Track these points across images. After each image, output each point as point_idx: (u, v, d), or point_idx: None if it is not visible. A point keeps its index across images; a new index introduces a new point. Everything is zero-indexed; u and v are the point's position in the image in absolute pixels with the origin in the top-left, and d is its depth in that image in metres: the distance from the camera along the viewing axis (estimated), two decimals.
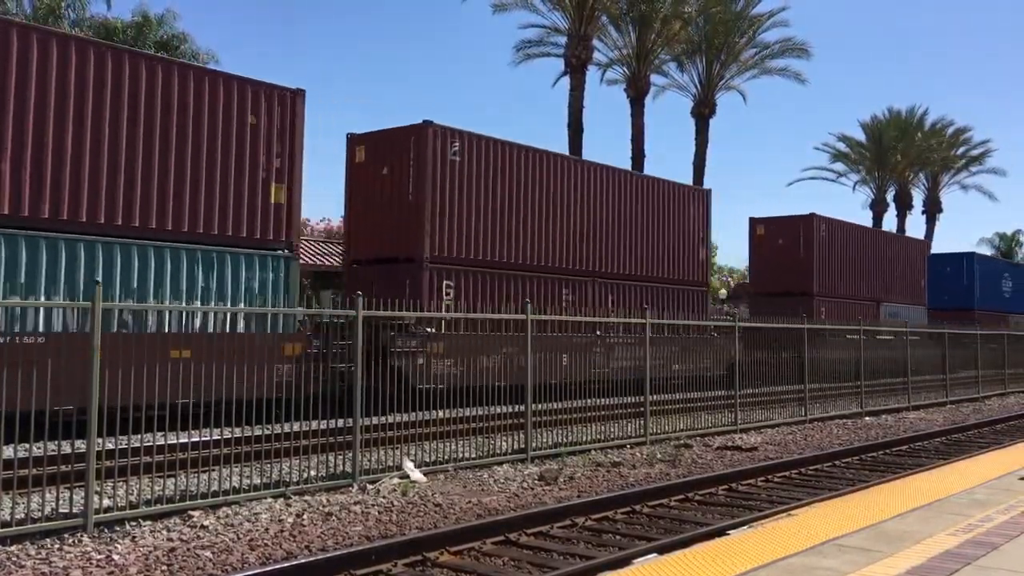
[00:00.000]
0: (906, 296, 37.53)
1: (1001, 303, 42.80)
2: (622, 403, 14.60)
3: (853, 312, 29.85)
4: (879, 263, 35.71)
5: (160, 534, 7.78)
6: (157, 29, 40.42)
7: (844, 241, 33.34)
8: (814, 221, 31.21)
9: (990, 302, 41.26)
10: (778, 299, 29.43)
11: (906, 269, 38.20)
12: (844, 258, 33.07)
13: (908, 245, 40.66)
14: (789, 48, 41.52)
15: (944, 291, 39.76)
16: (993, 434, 17.40)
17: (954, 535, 5.74)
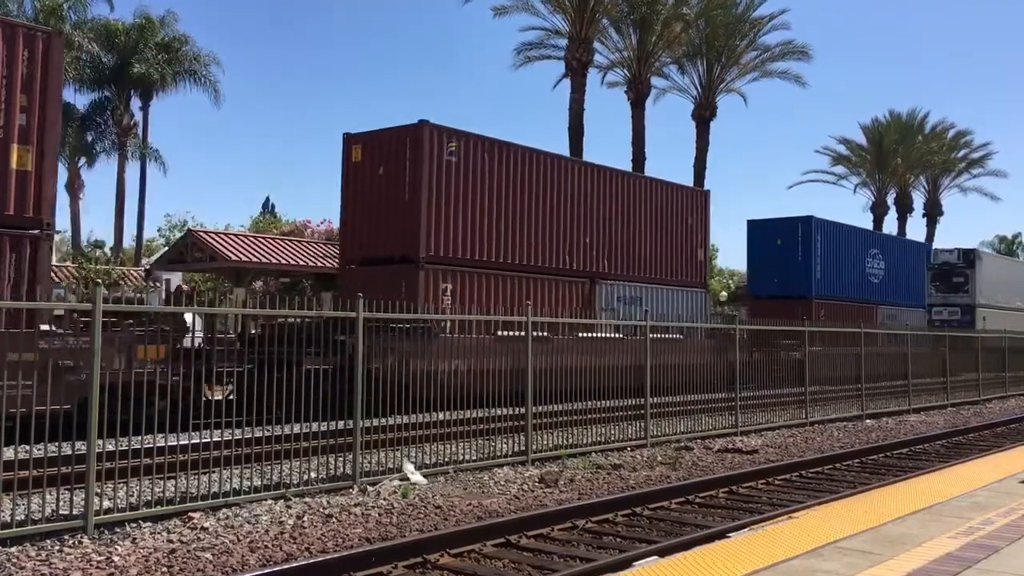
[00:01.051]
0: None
1: (864, 290, 33.96)
2: (622, 405, 14.59)
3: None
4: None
5: (160, 536, 7.78)
6: (159, 31, 40.48)
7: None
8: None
9: (845, 288, 32.61)
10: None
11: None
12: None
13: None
14: (790, 51, 41.64)
15: (773, 271, 31.37)
16: (994, 437, 17.39)
17: (955, 538, 5.73)
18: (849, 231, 34.22)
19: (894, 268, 36.32)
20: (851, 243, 33.84)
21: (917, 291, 38.52)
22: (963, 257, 42.15)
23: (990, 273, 42.51)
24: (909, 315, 35.61)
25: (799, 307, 27.59)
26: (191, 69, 41.71)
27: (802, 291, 30.61)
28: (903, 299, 36.72)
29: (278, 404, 9.74)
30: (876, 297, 34.60)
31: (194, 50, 41.85)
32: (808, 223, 31.23)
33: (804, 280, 30.92)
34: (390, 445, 11.25)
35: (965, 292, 41.12)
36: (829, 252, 32.00)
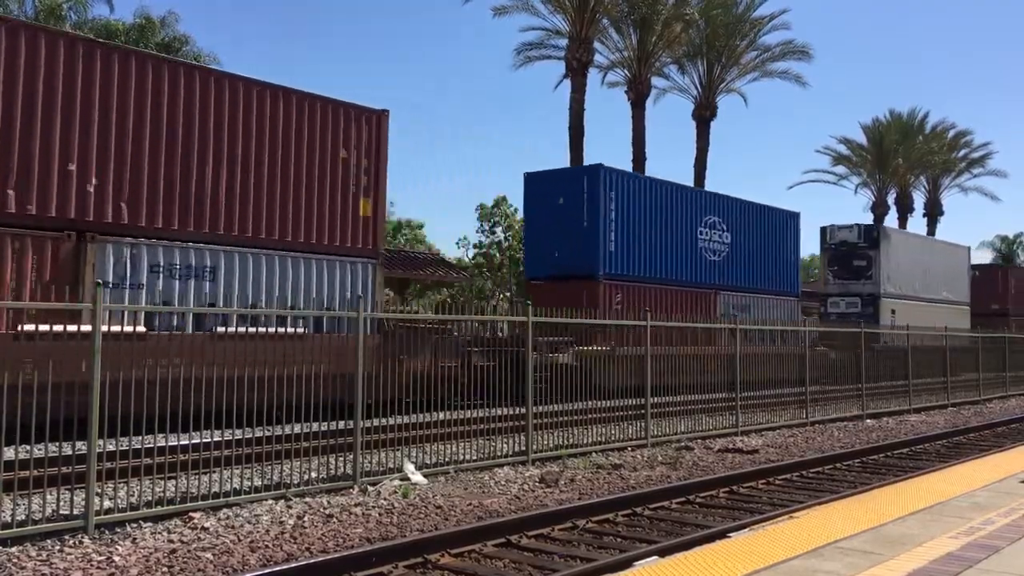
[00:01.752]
0: None
1: (695, 270, 26.36)
2: (623, 405, 14.60)
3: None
4: None
5: (161, 536, 7.78)
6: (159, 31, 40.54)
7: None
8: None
9: (660, 266, 24.98)
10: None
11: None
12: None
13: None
14: (790, 51, 41.62)
15: (553, 242, 23.83)
16: (994, 437, 17.39)
17: (955, 538, 5.73)
18: (665, 188, 25.81)
19: (748, 243, 28.55)
20: (669, 205, 25.77)
21: (787, 274, 30.50)
22: (864, 235, 35.15)
23: (901, 255, 35.64)
24: (772, 306, 29.02)
25: (584, 291, 21.77)
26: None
27: (587, 269, 22.99)
28: (763, 284, 29.10)
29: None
30: (715, 280, 26.91)
31: (194, 50, 41.90)
32: (596, 174, 23.45)
33: (590, 254, 23.11)
34: (390, 445, 11.25)
35: (868, 279, 34.37)
36: (631, 215, 24.15)
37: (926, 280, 37.38)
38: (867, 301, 34.03)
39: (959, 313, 39.31)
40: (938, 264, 38.67)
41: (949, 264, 40.15)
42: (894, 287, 35.06)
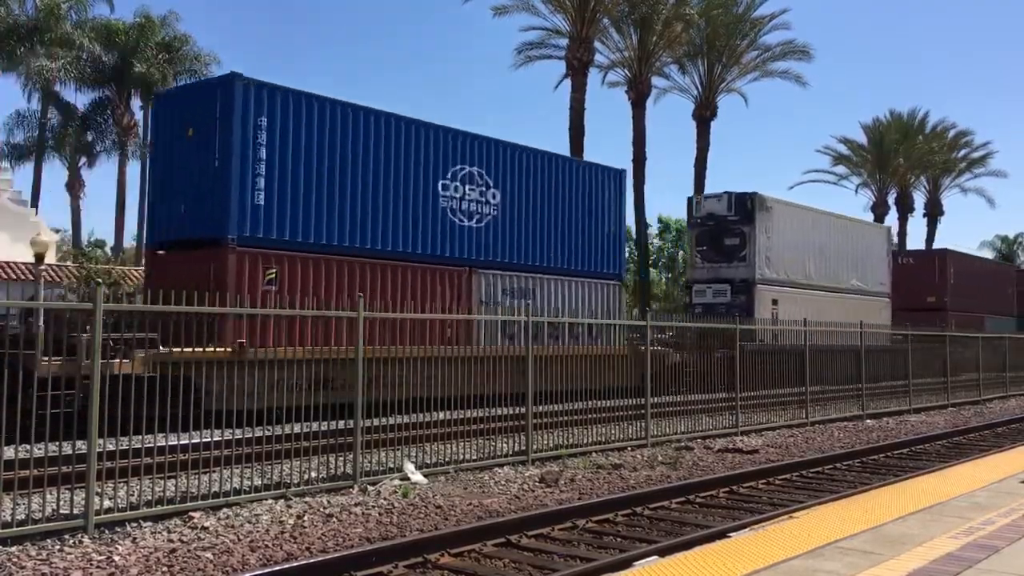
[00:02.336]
0: None
1: (441, 240, 18.94)
2: (623, 405, 14.60)
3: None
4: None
5: (161, 535, 7.78)
6: (159, 31, 40.54)
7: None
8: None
9: (367, 233, 17.52)
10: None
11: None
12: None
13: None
14: (790, 51, 41.64)
15: (180, 192, 16.64)
16: (994, 437, 17.39)
17: (955, 538, 5.73)
18: (372, 119, 17.73)
19: (535, 206, 21.03)
20: (381, 145, 17.78)
21: (604, 250, 22.96)
22: (736, 206, 27.83)
23: (787, 233, 28.85)
24: (577, 291, 21.79)
25: (212, 263, 15.22)
26: (191, 69, 41.70)
27: (215, 230, 15.54)
28: (561, 262, 21.59)
29: None
30: (472, 254, 19.51)
31: (195, 49, 41.90)
32: (231, 87, 15.65)
33: (219, 207, 15.58)
34: (390, 445, 11.25)
35: (742, 261, 27.61)
36: (302, 154, 16.45)
37: (826, 265, 30.76)
38: (739, 288, 27.41)
39: (874, 306, 32.25)
40: (844, 246, 31.97)
41: (861, 246, 33.08)
42: (776, 271, 28.28)
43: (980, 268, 45.73)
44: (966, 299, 40.05)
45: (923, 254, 43.69)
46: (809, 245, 30.10)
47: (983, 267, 47.09)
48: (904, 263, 39.78)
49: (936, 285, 39.63)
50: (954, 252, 42.73)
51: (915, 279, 38.65)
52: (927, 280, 39.40)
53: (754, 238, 27.60)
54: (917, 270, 39.65)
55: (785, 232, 28.81)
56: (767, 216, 28.14)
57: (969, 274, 41.97)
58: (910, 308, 34.92)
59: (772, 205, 28.58)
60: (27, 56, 37.83)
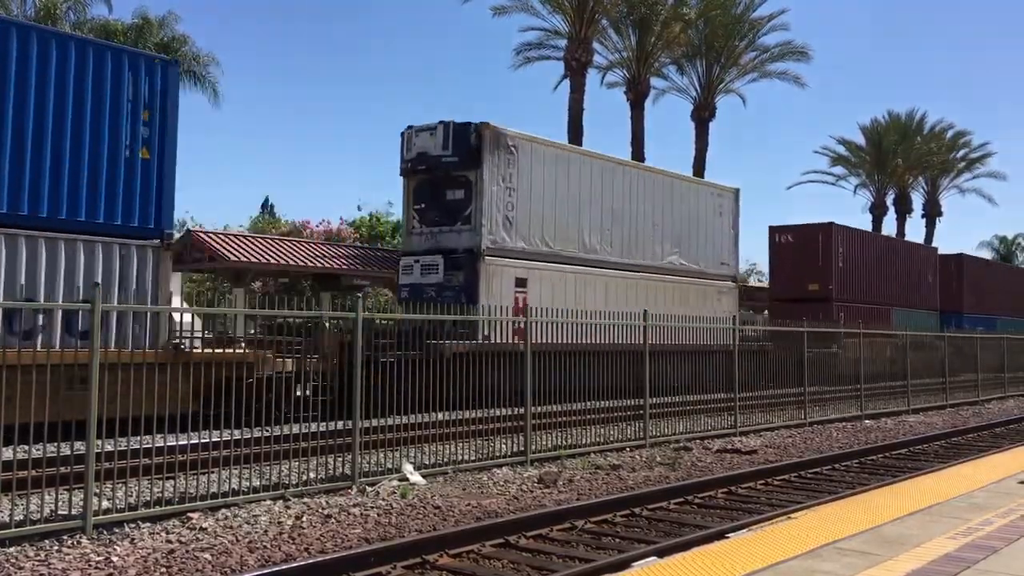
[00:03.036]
0: None
1: None
2: (621, 406, 14.60)
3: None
4: None
5: (159, 536, 7.78)
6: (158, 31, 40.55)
7: None
8: None
9: None
10: None
11: None
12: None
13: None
14: (789, 51, 41.67)
15: None
16: (992, 437, 17.40)
17: (953, 539, 5.74)
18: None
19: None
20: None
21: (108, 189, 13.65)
22: (456, 143, 19.59)
23: (543, 186, 20.77)
24: None
25: None
26: (190, 69, 41.67)
27: None
28: None
29: None
30: None
31: (193, 50, 41.90)
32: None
33: None
34: (389, 445, 11.24)
35: (468, 223, 19.57)
36: None
37: (623, 234, 22.94)
38: (455, 262, 19.36)
39: (707, 293, 25.41)
40: (658, 210, 24.11)
41: (687, 212, 25.07)
42: (523, 239, 19.99)
43: (884, 248, 36.35)
44: (862, 287, 33.09)
45: (806, 230, 32.61)
46: (589, 205, 21.79)
47: (888, 247, 37.29)
48: (782, 241, 32.75)
49: (820, 269, 31.65)
50: (844, 228, 33.31)
51: (796, 262, 31.78)
52: (809, 263, 31.62)
53: (482, 189, 19.20)
54: (798, 251, 32.08)
55: (544, 184, 20.57)
56: (506, 159, 19.61)
57: (867, 256, 34.04)
58: (789, 298, 30.35)
59: (517, 143, 19.90)
60: None
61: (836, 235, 32.30)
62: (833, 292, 31.39)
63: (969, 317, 40.05)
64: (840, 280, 31.96)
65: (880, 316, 31.86)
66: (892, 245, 38.69)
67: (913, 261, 38.20)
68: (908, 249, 39.71)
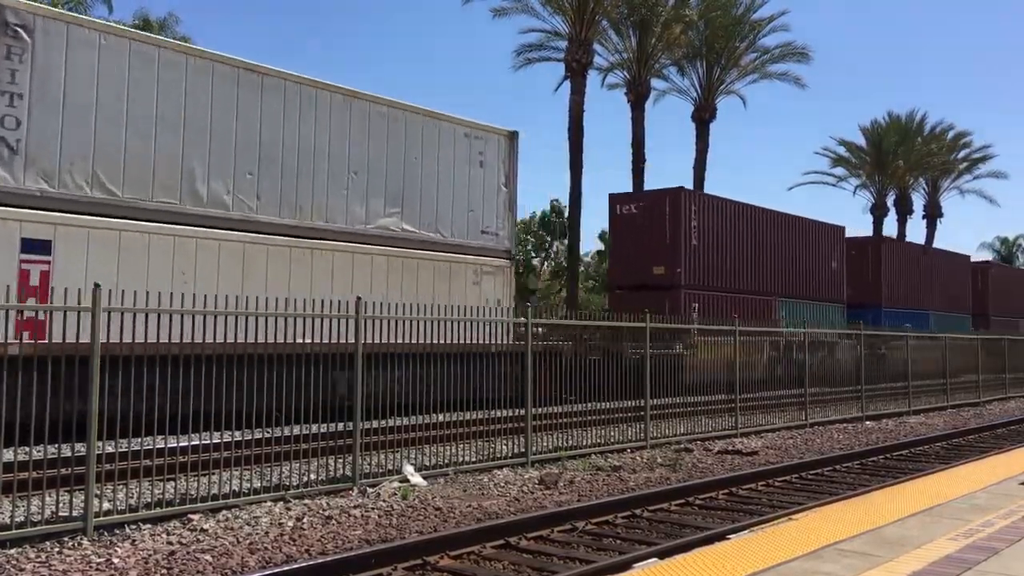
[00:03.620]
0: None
1: None
2: (622, 407, 14.60)
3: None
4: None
5: (160, 537, 7.78)
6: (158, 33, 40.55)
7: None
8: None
9: None
10: None
11: None
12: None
13: None
14: (789, 53, 41.63)
15: None
16: (994, 439, 17.39)
17: (954, 540, 5.73)
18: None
19: None
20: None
21: None
22: None
23: (82, 86, 13.33)
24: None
25: None
26: None
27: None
28: None
29: None
30: None
31: None
32: None
33: None
34: (390, 447, 11.25)
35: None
36: None
37: (291, 181, 16.01)
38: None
39: (456, 273, 18.56)
40: (359, 149, 17.07)
41: (422, 158, 18.17)
42: (38, 174, 12.94)
43: (763, 224, 29.17)
44: (728, 272, 27.13)
45: (651, 197, 26.75)
46: (208, 132, 14.91)
47: (769, 222, 29.55)
48: (623, 213, 26.68)
49: (668, 248, 25.55)
50: (701, 195, 28.04)
51: (639, 239, 25.94)
52: (655, 240, 25.62)
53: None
54: (643, 225, 26.05)
55: (98, 90, 13.58)
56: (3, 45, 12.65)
57: (737, 232, 27.77)
58: (631, 285, 25.49)
59: (31, 23, 12.91)
60: None
61: (688, 203, 25.84)
62: (682, 277, 25.17)
63: (892, 311, 34.85)
64: (693, 262, 25.75)
65: (756, 309, 26.42)
66: (774, 220, 30.16)
67: (808, 241, 31.45)
68: (799, 226, 31.44)
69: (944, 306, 40.19)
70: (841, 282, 33.46)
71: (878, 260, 36.41)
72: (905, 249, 40.70)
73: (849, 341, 21.86)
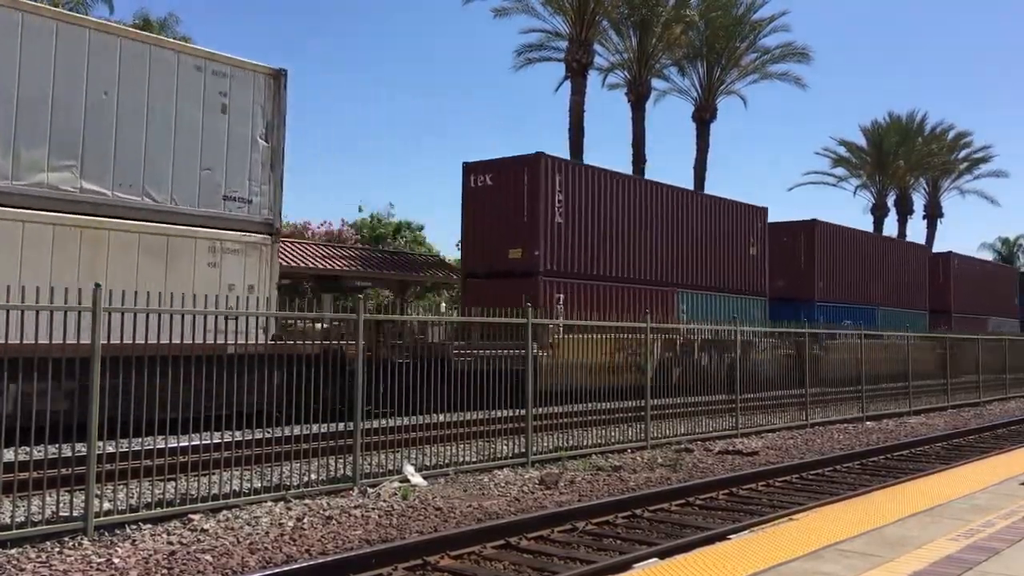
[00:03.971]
0: None
1: None
2: (623, 407, 14.60)
3: None
4: None
5: (160, 537, 7.78)
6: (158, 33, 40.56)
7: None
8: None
9: None
10: None
11: None
12: None
13: None
14: (790, 53, 41.65)
15: None
16: (994, 439, 17.38)
17: (955, 540, 5.73)
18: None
19: None
20: None
21: None
22: None
23: None
24: None
25: None
26: None
27: None
28: None
29: None
30: None
31: None
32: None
33: None
34: (390, 447, 11.25)
35: None
36: None
37: None
38: None
39: (176, 249, 14.46)
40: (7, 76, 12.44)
41: (122, 94, 13.80)
42: None
43: (652, 198, 24.71)
44: (601, 257, 22.67)
45: (507, 166, 21.87)
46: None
47: (661, 198, 25.06)
48: (478, 185, 21.87)
49: (524, 228, 21.02)
50: (566, 162, 22.84)
51: (495, 217, 21.41)
52: (511, 219, 21.16)
53: None
54: (499, 200, 21.42)
55: None
56: None
57: (614, 209, 23.14)
58: (486, 272, 21.26)
59: None
60: None
61: (551, 172, 21.23)
62: (542, 262, 20.76)
63: (828, 306, 30.93)
64: (557, 244, 21.35)
65: (648, 302, 22.33)
66: (672, 196, 25.60)
67: (720, 224, 27.07)
68: (707, 205, 26.85)
69: (896, 301, 35.76)
70: (762, 272, 28.94)
71: (811, 247, 31.31)
72: (846, 235, 34.43)
73: (772, 340, 19.20)
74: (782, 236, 31.05)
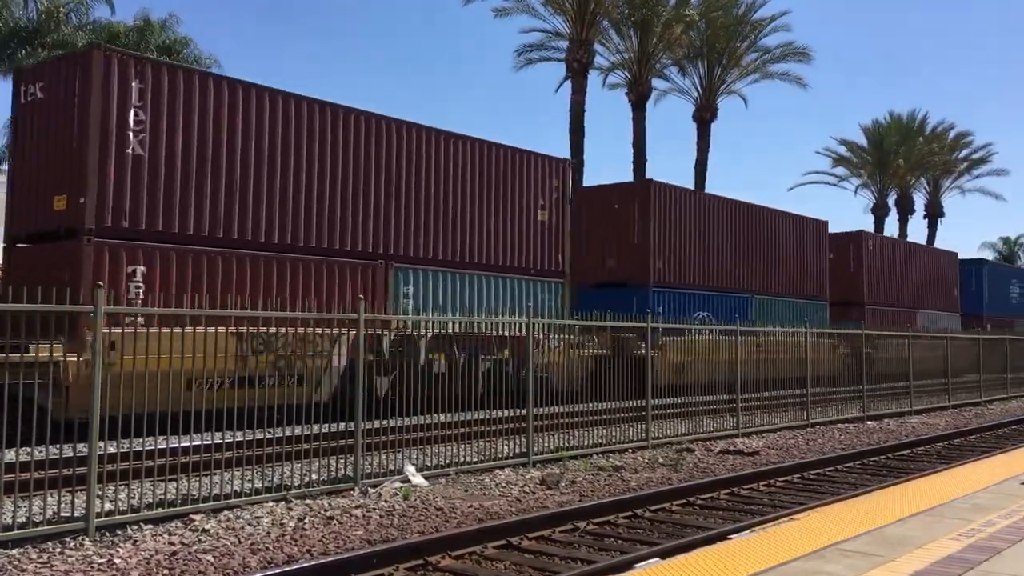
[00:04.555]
0: None
1: None
2: (624, 407, 14.60)
3: None
4: None
5: (161, 538, 7.78)
6: (159, 33, 40.61)
7: None
8: None
9: None
10: None
11: None
12: None
13: None
14: (790, 52, 41.65)
15: None
16: (995, 439, 17.37)
17: (956, 540, 5.73)
18: None
19: None
20: None
21: None
22: None
23: None
24: None
25: None
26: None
27: None
28: None
29: None
30: None
31: (195, 52, 41.95)
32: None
33: None
34: (391, 447, 11.25)
35: None
36: None
37: None
38: None
39: None
40: None
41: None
42: None
43: (279, 117, 15.66)
44: (212, 209, 14.80)
45: (66, 68, 14.23)
46: None
47: (375, 131, 17.34)
48: (29, 100, 14.57)
49: (73, 162, 13.73)
50: (154, 62, 14.97)
51: (48, 150, 14.26)
52: (63, 151, 13.94)
53: None
54: (50, 124, 14.25)
55: None
56: None
57: (232, 134, 14.96)
58: (32, 233, 14.26)
59: None
60: (27, 59, 37.88)
61: (117, 76, 13.73)
62: (91, 215, 13.47)
63: (668, 291, 24.45)
64: (126, 187, 13.88)
65: (335, 278, 16.19)
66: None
67: (494, 181, 19.42)
68: (464, 150, 18.91)
69: (781, 288, 28.77)
70: (557, 248, 20.80)
71: (646, 215, 24.25)
72: (698, 200, 26.80)
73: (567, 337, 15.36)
74: (612, 201, 24.84)
